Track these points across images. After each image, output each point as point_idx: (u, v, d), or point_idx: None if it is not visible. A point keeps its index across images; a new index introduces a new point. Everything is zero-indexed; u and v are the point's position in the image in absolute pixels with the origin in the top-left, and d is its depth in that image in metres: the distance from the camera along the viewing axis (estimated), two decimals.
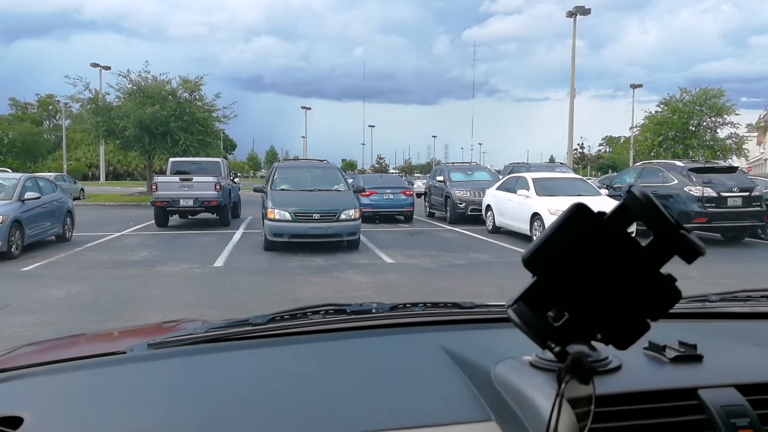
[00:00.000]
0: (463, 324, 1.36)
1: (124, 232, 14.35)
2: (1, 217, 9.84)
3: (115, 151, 33.07)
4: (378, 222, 17.13)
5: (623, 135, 69.87)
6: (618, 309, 0.67)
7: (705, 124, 31.59)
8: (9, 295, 7.32)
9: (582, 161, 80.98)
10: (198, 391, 1.05)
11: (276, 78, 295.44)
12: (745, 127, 33.96)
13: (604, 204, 8.80)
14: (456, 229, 15.52)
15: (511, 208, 13.27)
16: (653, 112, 32.85)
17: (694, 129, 31.37)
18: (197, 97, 28.29)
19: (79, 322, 5.93)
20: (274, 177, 12.32)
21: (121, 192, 35.74)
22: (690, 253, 0.63)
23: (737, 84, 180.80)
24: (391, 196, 17.76)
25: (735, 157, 32.20)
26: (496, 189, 14.70)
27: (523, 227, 12.53)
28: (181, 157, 21.79)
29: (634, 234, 0.65)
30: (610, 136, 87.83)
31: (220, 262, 9.87)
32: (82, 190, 32.01)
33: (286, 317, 1.40)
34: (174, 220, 16.56)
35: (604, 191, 13.78)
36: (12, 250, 10.07)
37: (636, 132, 36.09)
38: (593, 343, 0.71)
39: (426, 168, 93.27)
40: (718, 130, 31.74)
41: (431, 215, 19.28)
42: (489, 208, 14.70)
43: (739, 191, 12.02)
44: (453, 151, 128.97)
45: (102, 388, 1.09)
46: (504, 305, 0.69)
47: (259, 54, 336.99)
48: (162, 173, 18.85)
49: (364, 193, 16.37)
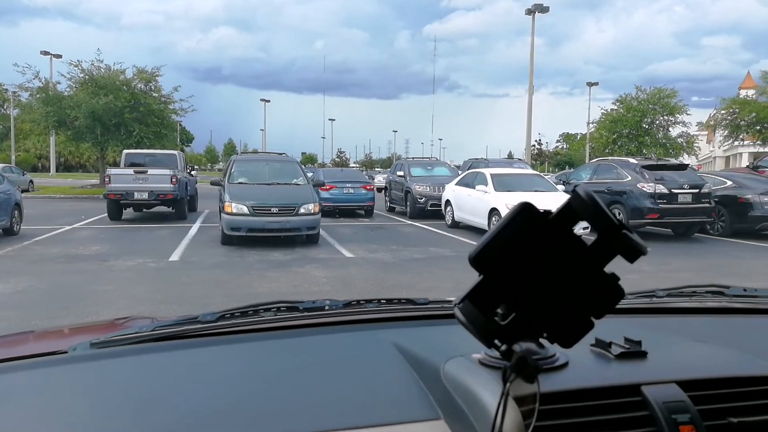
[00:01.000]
0: (416, 320, 1.36)
1: (75, 226, 13.95)
2: None
3: (66, 142, 32.03)
4: (338, 216, 17.08)
5: (580, 132, 71.40)
6: (563, 307, 0.67)
7: (658, 122, 32.51)
8: None
9: (540, 157, 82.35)
10: (143, 393, 1.02)
11: (235, 69, 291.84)
12: (696, 126, 35.04)
13: (560, 200, 8.96)
14: (416, 223, 15.58)
15: (470, 204, 13.40)
16: (609, 110, 33.63)
17: (647, 127, 32.24)
18: (153, 87, 27.69)
19: (26, 319, 5.73)
20: (231, 170, 12.14)
21: (73, 184, 34.70)
22: (632, 253, 0.63)
23: (689, 83, 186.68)
24: (351, 191, 17.72)
25: (686, 155, 33.23)
26: (456, 184, 14.82)
27: (482, 222, 12.67)
28: (136, 149, 21.31)
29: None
30: (568, 133, 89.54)
31: (175, 257, 9.68)
32: (32, 182, 30.92)
33: (236, 314, 1.37)
34: (128, 213, 16.18)
35: (561, 187, 14.04)
36: None
37: (592, 129, 36.88)
38: (541, 340, 0.72)
39: (387, 162, 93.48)
40: (670, 129, 32.73)
41: (392, 210, 19.32)
42: (448, 203, 14.81)
43: (689, 188, 12.38)
44: (414, 146, 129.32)
45: (40, 390, 1.04)
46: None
47: (218, 45, 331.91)
48: (116, 165, 18.41)
49: (324, 187, 16.29)
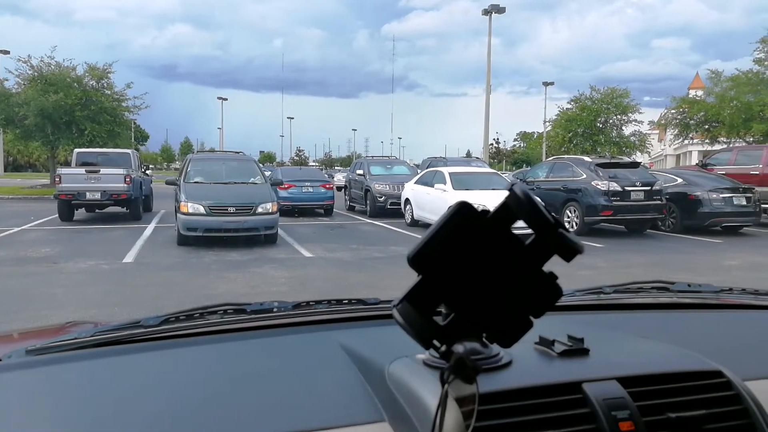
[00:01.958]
0: (365, 321, 1.35)
1: (24, 227, 13.50)
2: None
3: (15, 141, 31.05)
4: (297, 215, 16.96)
5: (536, 130, 72.53)
6: (502, 307, 0.67)
7: (611, 121, 33.26)
8: None
9: (497, 156, 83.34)
10: (80, 401, 0.98)
11: (191, 67, 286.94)
12: (648, 125, 35.95)
13: None
14: (376, 222, 15.60)
15: (429, 202, 13.47)
16: (564, 109, 34.25)
17: (601, 126, 32.95)
18: (105, 85, 26.99)
19: None
20: (187, 169, 11.92)
21: (22, 184, 33.51)
22: (568, 251, 0.63)
23: (641, 84, 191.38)
24: (310, 190, 17.62)
25: (638, 153, 34.12)
26: (415, 183, 14.90)
27: None
28: (89, 148, 20.75)
29: None
30: (525, 132, 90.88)
31: (130, 258, 9.46)
32: None
33: (181, 318, 1.34)
34: (80, 214, 15.75)
35: None
36: None
37: (548, 128, 37.53)
38: (485, 340, 0.71)
39: (346, 161, 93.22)
40: (624, 128, 33.53)
41: (351, 208, 19.29)
42: (408, 201, 14.88)
43: (641, 186, 12.70)
44: (373, 145, 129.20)
45: None
46: None
47: (173, 42, 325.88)
48: (67, 165, 17.89)
49: (283, 186, 16.16)
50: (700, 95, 27.93)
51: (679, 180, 13.82)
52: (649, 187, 12.71)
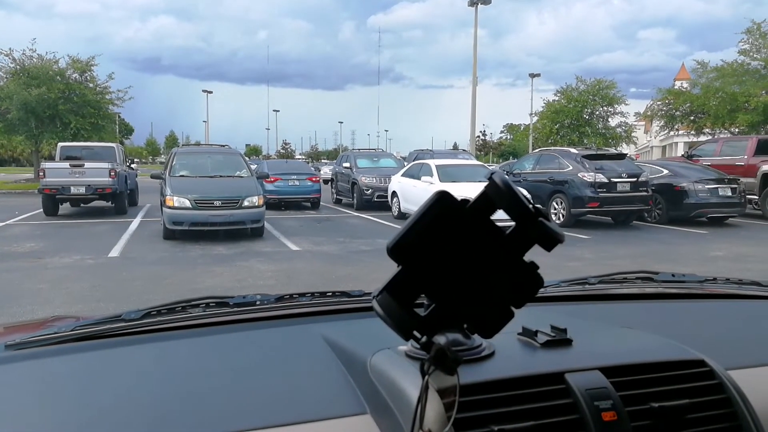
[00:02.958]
0: (348, 313, 1.34)
1: (8, 222, 13.35)
2: None
3: None
4: (284, 209, 16.91)
5: (523, 122, 72.73)
6: (483, 297, 0.66)
7: (598, 113, 33.43)
8: None
9: (484, 148, 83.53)
10: (61, 396, 0.96)
11: (175, 60, 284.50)
12: (634, 116, 36.19)
13: None
14: (363, 215, 15.57)
15: (416, 195, 13.46)
16: (551, 101, 34.39)
17: (588, 117, 33.12)
18: (89, 78, 26.71)
19: None
20: (173, 163, 11.83)
21: (5, 179, 33.09)
22: (548, 241, 0.62)
23: (627, 75, 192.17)
24: (297, 183, 17.54)
25: (625, 145, 34.32)
26: (402, 175, 14.89)
27: None
28: (72, 141, 20.54)
29: None
30: (511, 124, 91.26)
31: (115, 252, 9.38)
32: None
33: (162, 311, 1.32)
34: (65, 208, 15.59)
35: None
36: None
37: (535, 120, 37.65)
38: (466, 330, 0.71)
39: (333, 154, 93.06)
40: (610, 119, 33.72)
41: (338, 202, 19.25)
42: (395, 194, 14.86)
43: (627, 177, 12.76)
44: (360, 138, 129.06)
45: None
46: None
47: (157, 34, 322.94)
48: (51, 159, 17.70)
49: (269, 180, 16.09)
50: (685, 86, 28.11)
51: (665, 171, 13.91)
52: (635, 179, 12.78)
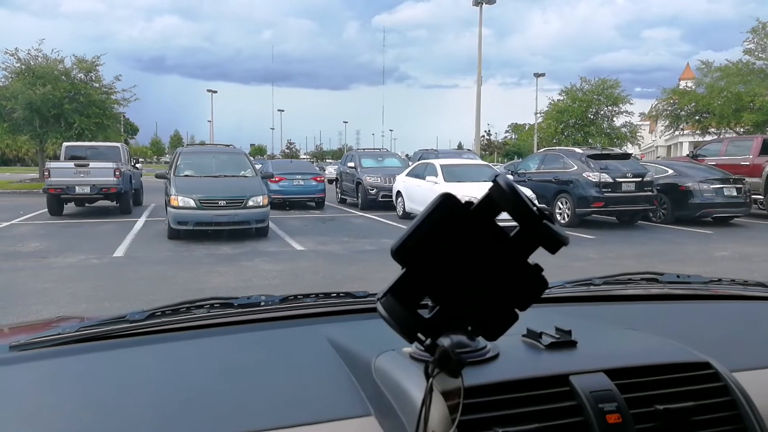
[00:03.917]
0: (353, 314, 1.34)
1: (13, 222, 13.41)
2: None
3: (2, 134, 30.71)
4: (288, 209, 16.93)
5: (528, 122, 72.70)
6: (487, 299, 0.66)
7: (602, 112, 33.35)
8: None
9: (489, 148, 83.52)
10: (65, 397, 0.97)
11: (179, 59, 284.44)
12: (638, 116, 36.09)
13: None
14: (367, 215, 15.58)
15: (421, 194, 13.46)
16: (555, 101, 34.31)
17: (592, 117, 33.04)
18: (94, 77, 26.78)
19: None
20: (177, 162, 11.86)
21: (10, 179, 33.21)
22: (553, 243, 0.62)
23: (631, 75, 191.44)
24: (301, 183, 17.56)
25: (629, 145, 34.23)
26: (406, 175, 14.89)
27: None
28: (77, 141, 20.59)
29: None
30: (516, 123, 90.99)
31: (120, 252, 9.41)
32: None
33: (167, 312, 1.33)
34: (70, 208, 15.63)
35: (510, 177, 14.26)
36: None
37: (540, 119, 37.58)
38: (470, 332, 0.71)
39: (337, 154, 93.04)
40: (615, 119, 33.64)
41: (343, 201, 19.25)
42: (399, 194, 14.86)
43: (632, 177, 12.73)
44: (364, 137, 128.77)
45: None
46: None
47: (162, 34, 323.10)
48: (56, 159, 17.76)
49: (274, 179, 16.10)
50: (690, 86, 28.04)
51: (670, 171, 13.87)
52: (640, 179, 12.75)
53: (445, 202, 0.63)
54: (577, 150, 14.04)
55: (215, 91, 64.60)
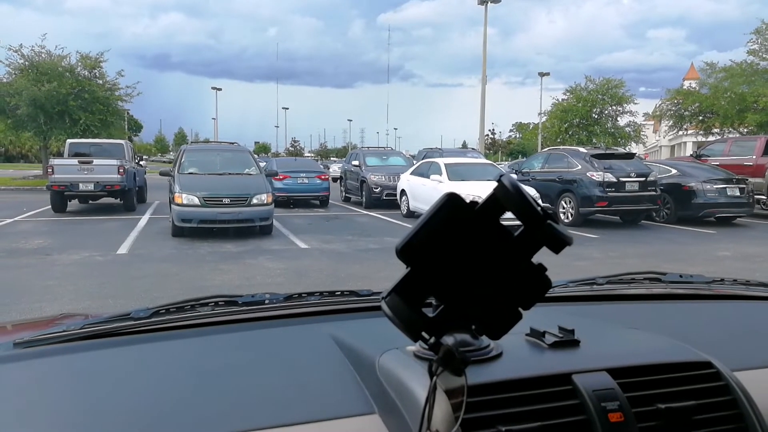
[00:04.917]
0: (357, 312, 1.35)
1: (16, 219, 13.44)
2: None
3: (6, 131, 30.73)
4: (292, 207, 16.93)
5: (532, 121, 72.42)
6: (491, 299, 0.66)
7: (607, 112, 33.26)
8: None
9: (493, 147, 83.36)
10: (69, 394, 0.97)
11: (184, 56, 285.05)
12: (643, 116, 36.00)
13: None
14: (371, 213, 15.58)
15: (425, 193, 13.46)
16: (560, 100, 34.24)
17: (597, 117, 32.96)
18: (98, 74, 26.79)
19: None
20: (181, 160, 11.86)
21: (14, 175, 33.33)
22: (557, 243, 0.63)
23: (636, 74, 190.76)
24: (305, 181, 17.55)
25: (633, 144, 34.16)
26: (411, 174, 14.89)
27: None
28: (81, 138, 20.62)
29: None
30: (520, 123, 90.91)
31: (124, 249, 9.43)
32: None
33: (171, 310, 1.33)
34: (73, 205, 15.68)
35: (514, 176, 14.24)
36: None
37: (544, 119, 37.49)
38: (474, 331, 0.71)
39: (342, 152, 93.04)
40: (619, 118, 33.55)
41: (347, 200, 19.25)
42: (403, 192, 14.86)
43: (636, 176, 12.72)
44: (369, 136, 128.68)
45: None
46: None
47: (166, 31, 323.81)
48: (60, 155, 17.78)
49: (278, 177, 16.11)
50: (694, 86, 27.95)
51: (674, 171, 13.85)
52: (643, 178, 12.73)
53: (450, 201, 0.63)
54: (581, 149, 14.03)
55: (220, 89, 64.52)
